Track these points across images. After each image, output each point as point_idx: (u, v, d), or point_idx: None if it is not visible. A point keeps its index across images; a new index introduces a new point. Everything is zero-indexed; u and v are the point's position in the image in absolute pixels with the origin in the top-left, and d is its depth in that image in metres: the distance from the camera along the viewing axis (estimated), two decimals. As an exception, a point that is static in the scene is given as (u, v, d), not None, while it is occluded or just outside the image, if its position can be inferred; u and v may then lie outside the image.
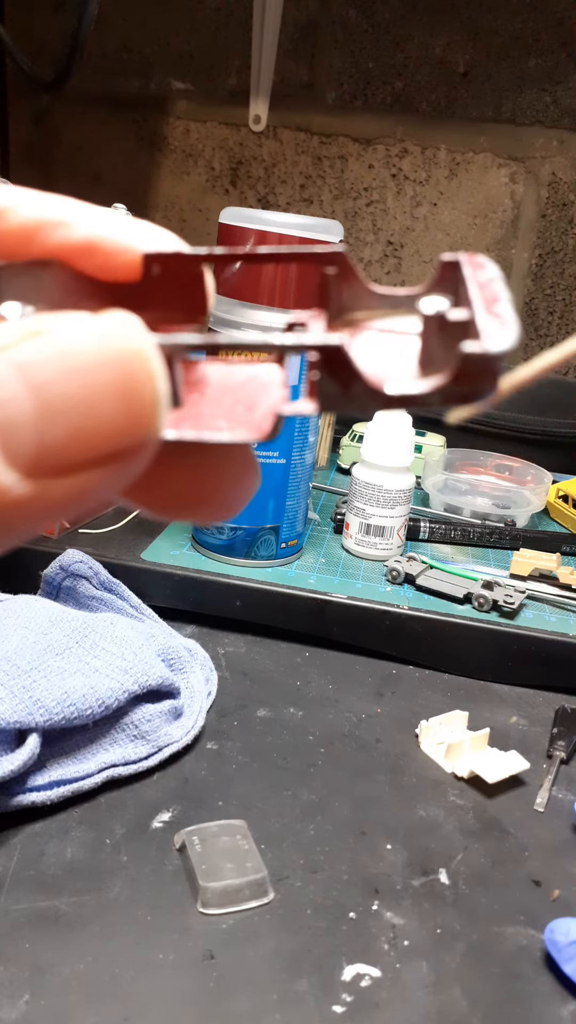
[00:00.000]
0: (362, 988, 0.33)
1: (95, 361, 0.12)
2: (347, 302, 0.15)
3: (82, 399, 0.12)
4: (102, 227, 0.15)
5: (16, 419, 0.11)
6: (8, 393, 0.11)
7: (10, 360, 0.11)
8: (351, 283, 0.15)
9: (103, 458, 0.12)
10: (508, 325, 0.13)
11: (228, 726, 0.48)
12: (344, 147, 1.11)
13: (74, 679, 0.41)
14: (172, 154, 1.17)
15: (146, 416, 0.12)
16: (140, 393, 0.12)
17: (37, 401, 0.11)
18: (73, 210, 0.15)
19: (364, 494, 0.63)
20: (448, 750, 0.46)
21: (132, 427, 0.12)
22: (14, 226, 0.15)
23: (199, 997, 0.32)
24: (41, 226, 0.15)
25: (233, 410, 0.14)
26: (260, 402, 0.14)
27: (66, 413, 0.11)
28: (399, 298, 0.15)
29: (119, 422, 0.12)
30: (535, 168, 1.06)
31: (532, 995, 0.33)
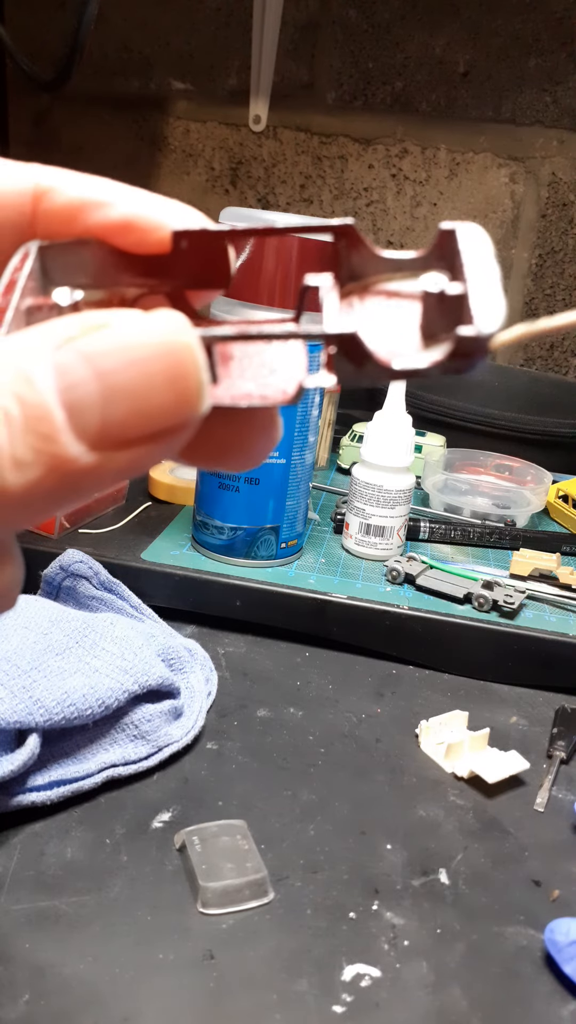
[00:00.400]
0: (362, 988, 0.33)
1: (150, 353, 0.14)
2: (357, 267, 0.17)
3: (139, 385, 0.14)
4: (138, 207, 0.16)
5: (84, 400, 0.13)
6: (77, 378, 0.13)
7: (78, 350, 0.13)
8: (360, 250, 0.17)
9: (155, 434, 0.14)
10: (496, 305, 0.15)
11: (228, 726, 0.48)
12: (344, 147, 1.11)
13: (74, 679, 0.41)
14: (172, 154, 1.17)
15: (191, 399, 0.14)
16: (187, 380, 0.14)
17: (102, 385, 0.13)
18: (111, 191, 0.17)
19: (364, 494, 0.63)
20: (448, 750, 0.46)
21: (180, 408, 0.14)
22: (59, 205, 0.16)
23: (199, 997, 0.32)
24: (83, 206, 0.16)
25: (260, 374, 0.16)
26: (284, 368, 0.16)
27: (126, 396, 0.14)
28: (403, 261, 0.17)
29: (169, 404, 0.14)
30: (535, 168, 1.06)
31: (532, 995, 0.33)
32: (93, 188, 0.17)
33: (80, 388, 0.13)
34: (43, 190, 0.17)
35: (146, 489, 0.71)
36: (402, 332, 0.16)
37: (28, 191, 0.17)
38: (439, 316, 0.16)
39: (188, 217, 0.17)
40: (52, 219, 0.17)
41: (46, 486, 0.13)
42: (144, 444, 0.14)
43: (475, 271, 0.15)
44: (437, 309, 0.16)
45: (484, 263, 0.15)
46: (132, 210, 0.16)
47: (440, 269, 0.17)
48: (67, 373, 0.13)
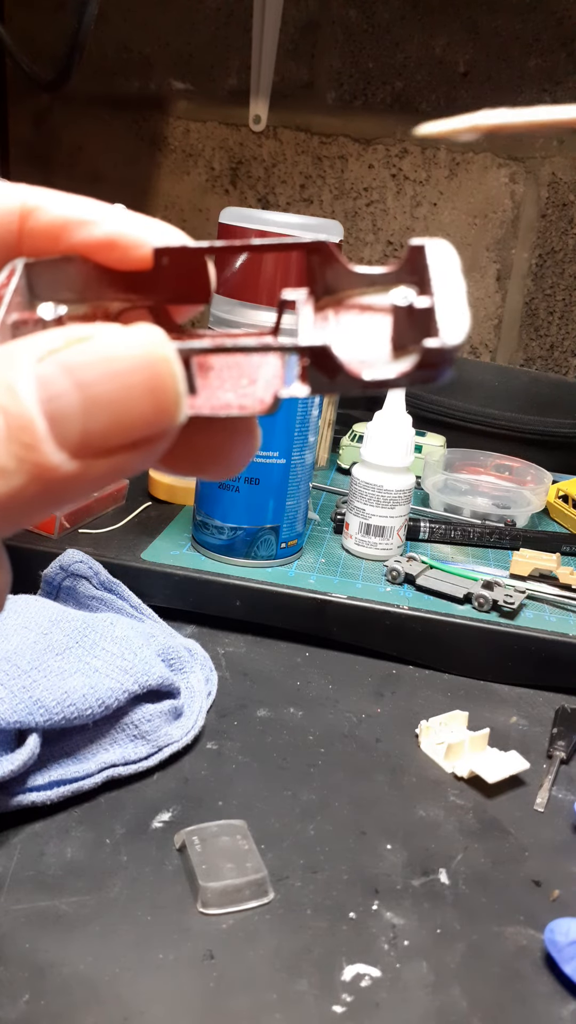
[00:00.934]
0: (362, 988, 0.33)
1: (130, 366, 0.14)
2: (331, 281, 0.18)
3: (119, 396, 0.14)
4: (120, 225, 0.17)
5: (65, 411, 0.14)
6: (59, 389, 0.14)
7: (59, 362, 0.14)
8: (334, 266, 0.18)
9: (135, 443, 0.15)
10: (460, 319, 0.15)
11: (228, 726, 0.48)
12: (344, 147, 1.11)
13: (74, 679, 0.41)
14: (172, 154, 1.17)
15: (170, 409, 0.15)
16: (165, 392, 0.15)
17: (83, 396, 0.14)
18: (95, 210, 0.17)
19: (364, 494, 0.63)
20: (448, 750, 0.46)
21: (158, 418, 0.15)
22: (44, 224, 0.17)
23: (199, 997, 0.32)
24: (68, 224, 0.17)
25: (238, 384, 0.17)
26: (261, 378, 0.17)
27: (106, 407, 0.14)
28: (376, 276, 0.18)
29: (148, 414, 0.14)
30: (535, 168, 1.06)
31: (532, 995, 0.33)
32: (78, 207, 0.17)
33: (62, 399, 0.14)
34: (29, 209, 0.17)
35: (146, 489, 0.71)
36: (373, 344, 0.17)
37: (15, 210, 0.17)
38: (408, 328, 0.16)
39: (169, 235, 0.17)
40: (38, 237, 0.17)
41: (28, 493, 0.14)
42: (123, 453, 0.15)
43: (442, 285, 0.16)
44: (407, 322, 0.16)
45: (451, 278, 0.16)
46: (115, 228, 0.17)
47: (410, 283, 0.17)
48: (49, 384, 0.14)
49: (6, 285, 0.17)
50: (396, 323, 0.17)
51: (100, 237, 0.17)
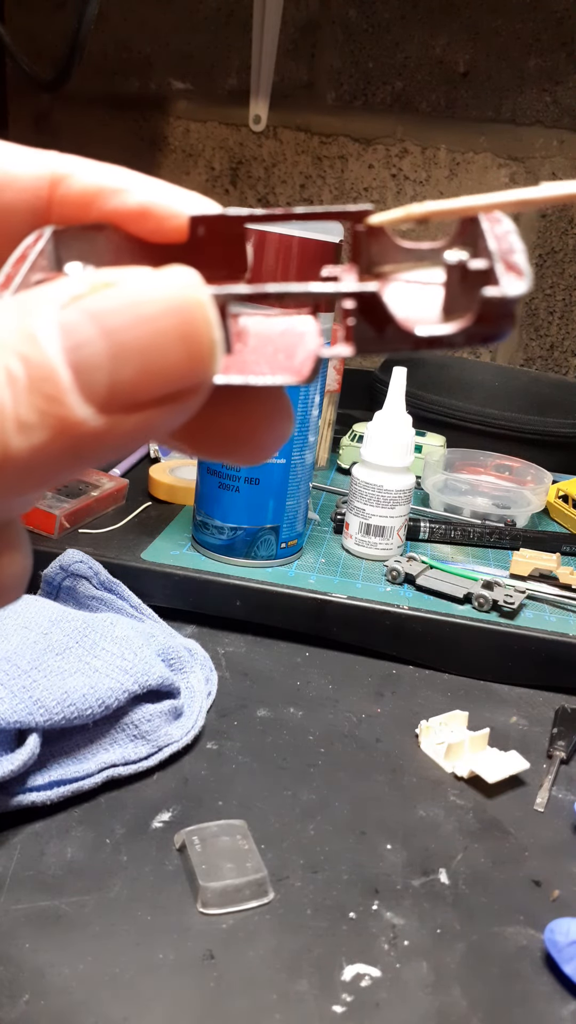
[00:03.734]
0: (362, 988, 0.33)
1: (160, 310, 0.13)
2: (376, 256, 0.17)
3: (149, 343, 0.13)
4: (154, 194, 0.16)
5: (92, 361, 0.13)
6: (84, 337, 0.13)
7: (84, 308, 0.13)
8: (380, 239, 0.16)
9: (167, 396, 0.13)
10: (523, 272, 0.14)
11: (228, 726, 0.48)
12: (344, 147, 1.11)
13: (74, 679, 0.41)
14: (172, 154, 1.17)
15: (204, 359, 0.13)
16: (199, 339, 0.13)
17: (110, 344, 0.13)
18: (128, 178, 0.16)
19: (364, 494, 0.63)
20: (448, 750, 0.46)
21: (192, 369, 0.13)
22: (75, 191, 0.16)
23: (199, 997, 0.32)
24: (99, 192, 0.16)
25: (274, 357, 0.15)
26: (298, 349, 0.15)
27: (135, 356, 0.13)
28: (424, 251, 0.16)
29: (181, 365, 0.13)
30: (535, 168, 1.06)
31: (532, 995, 0.33)
32: (110, 175, 0.17)
33: (87, 347, 0.13)
34: (60, 176, 0.17)
35: (146, 489, 0.71)
36: (424, 305, 0.16)
37: (45, 177, 0.17)
38: (463, 292, 0.15)
39: (205, 205, 0.17)
40: (68, 205, 0.17)
41: (51, 450, 0.13)
42: (154, 407, 0.13)
43: (499, 246, 0.15)
44: (460, 285, 0.15)
45: (510, 240, 0.15)
46: (149, 197, 0.16)
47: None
48: (73, 332, 0.13)
49: (32, 246, 0.16)
50: (449, 289, 0.15)
51: (133, 205, 0.16)
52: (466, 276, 0.15)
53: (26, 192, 0.16)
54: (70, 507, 0.61)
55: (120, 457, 0.15)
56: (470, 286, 0.15)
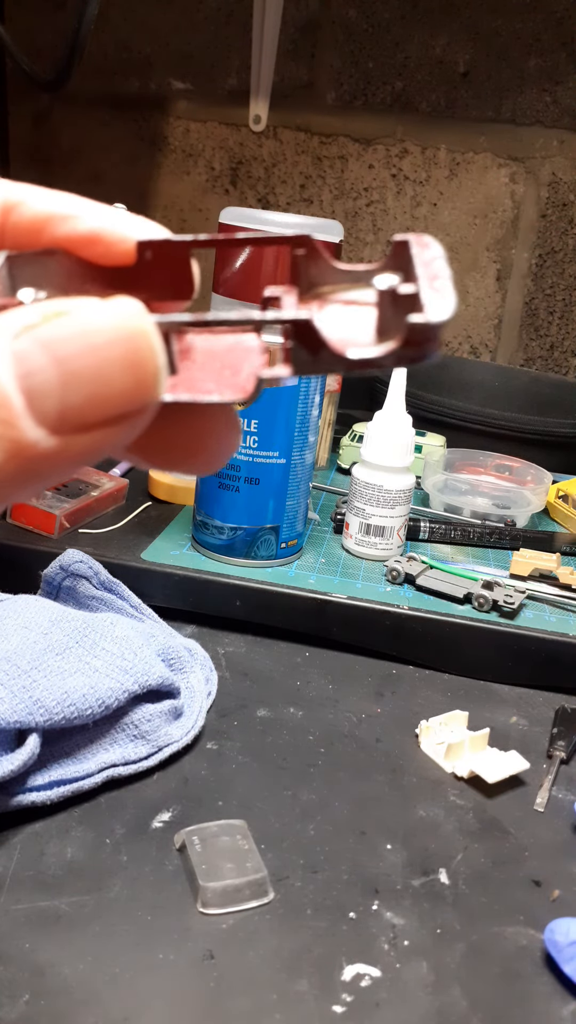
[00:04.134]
0: (362, 988, 0.33)
1: (108, 339, 0.14)
2: (315, 278, 0.17)
3: (97, 370, 0.14)
4: (103, 220, 0.17)
5: (43, 387, 0.14)
6: (35, 365, 0.14)
7: (36, 337, 0.14)
8: (318, 262, 0.17)
9: (114, 419, 0.14)
10: (447, 298, 0.15)
11: (228, 726, 0.48)
12: (344, 147, 1.11)
13: (74, 679, 0.41)
14: (172, 154, 1.17)
15: (149, 384, 0.14)
16: (144, 365, 0.14)
17: (60, 372, 0.14)
18: (77, 205, 0.17)
19: (364, 494, 0.63)
20: (448, 750, 0.46)
21: (138, 393, 0.14)
22: (27, 218, 0.17)
23: (199, 997, 0.32)
24: (50, 219, 0.17)
25: (220, 374, 0.16)
26: (243, 367, 0.16)
27: (84, 382, 0.14)
28: (359, 272, 0.17)
29: (127, 389, 0.14)
30: (535, 168, 1.06)
31: (532, 995, 0.33)
32: (60, 202, 0.17)
33: (39, 375, 0.14)
34: (11, 204, 0.17)
35: (146, 489, 0.71)
36: (358, 328, 0.17)
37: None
38: (393, 315, 0.16)
39: (152, 230, 0.17)
40: (20, 233, 0.17)
41: (7, 471, 0.14)
42: (103, 428, 0.14)
43: (427, 272, 0.16)
44: (391, 308, 0.16)
45: (436, 266, 0.16)
46: (98, 223, 0.17)
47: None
48: (25, 360, 0.14)
49: None
50: (381, 311, 0.16)
51: (83, 232, 0.17)
52: (396, 300, 0.16)
53: None
54: (70, 507, 0.61)
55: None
56: (400, 309, 0.16)
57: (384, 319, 0.16)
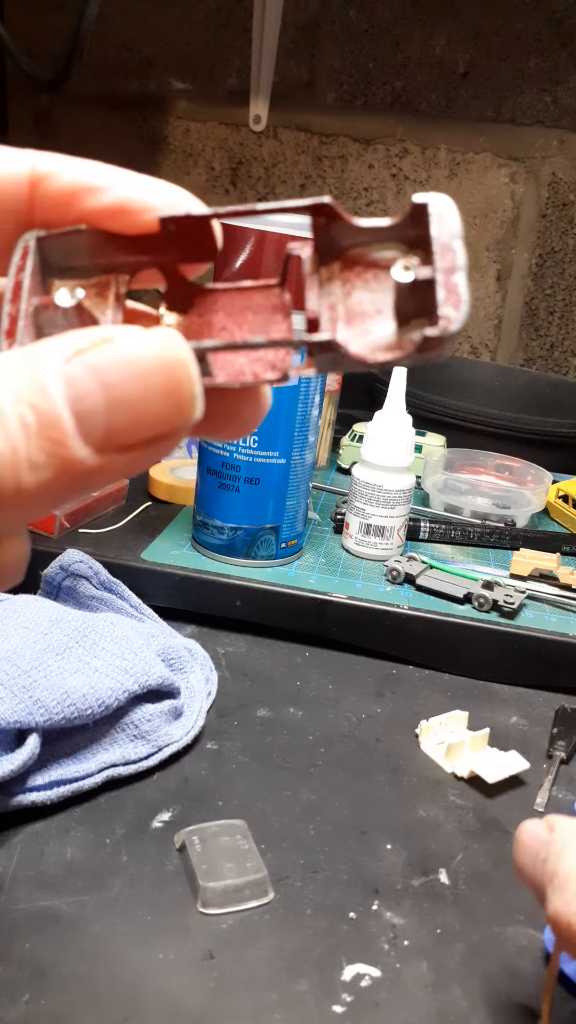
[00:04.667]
0: (362, 988, 0.33)
1: (149, 368, 0.15)
2: (336, 238, 0.18)
3: (140, 395, 0.15)
4: (127, 190, 0.18)
5: (91, 409, 0.15)
6: (84, 389, 0.15)
7: (85, 363, 0.15)
8: (339, 223, 0.18)
9: (153, 439, 0.15)
10: (460, 305, 0.16)
11: (228, 726, 0.48)
12: (344, 147, 1.11)
13: (74, 679, 0.41)
14: (172, 154, 1.17)
15: (186, 409, 0.16)
16: (182, 392, 0.15)
17: (106, 396, 0.15)
18: (104, 175, 0.18)
19: (364, 494, 0.63)
20: (448, 750, 0.46)
21: (175, 417, 0.15)
22: (55, 191, 0.18)
23: (199, 997, 0.32)
24: (78, 191, 0.18)
25: (253, 354, 0.18)
26: (275, 349, 0.17)
27: (128, 406, 0.15)
28: (379, 229, 0.18)
29: (166, 413, 0.15)
30: (535, 168, 1.06)
31: (532, 995, 0.33)
32: (86, 173, 0.18)
33: (87, 398, 0.15)
34: (40, 176, 0.18)
35: (146, 489, 0.71)
36: (377, 319, 0.18)
37: (24, 177, 0.18)
38: (411, 298, 0.17)
39: (175, 197, 0.18)
40: (48, 204, 0.18)
41: (56, 485, 0.15)
42: (142, 448, 0.15)
43: (443, 256, 0.16)
44: (410, 292, 0.17)
45: (452, 245, 0.16)
46: (123, 194, 0.18)
47: (413, 239, 0.18)
48: (75, 384, 0.15)
49: (22, 269, 0.17)
50: (399, 293, 0.17)
51: (109, 204, 0.18)
52: (416, 285, 0.17)
53: (7, 194, 0.18)
54: (70, 507, 0.61)
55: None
56: (418, 291, 0.17)
57: (403, 299, 0.17)
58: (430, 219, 0.17)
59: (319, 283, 0.18)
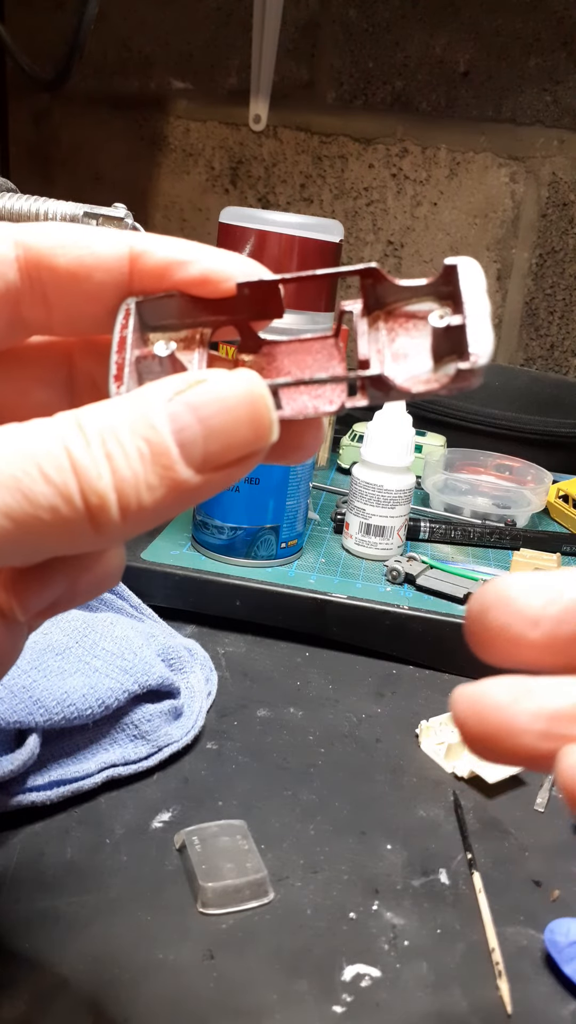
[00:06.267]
0: (362, 988, 0.33)
1: (237, 403, 0.19)
2: (381, 296, 0.22)
3: (230, 426, 0.19)
4: (210, 263, 0.21)
5: (192, 439, 0.18)
6: (185, 423, 0.18)
7: (185, 401, 0.19)
8: (384, 283, 0.22)
9: (240, 460, 0.19)
10: (487, 339, 0.20)
11: (228, 726, 0.48)
12: (344, 147, 1.11)
13: (74, 679, 0.41)
14: (172, 154, 1.17)
15: (265, 433, 0.19)
16: (262, 420, 0.19)
17: (204, 428, 0.18)
18: (189, 251, 0.22)
19: (364, 494, 0.63)
20: (448, 750, 0.46)
21: (257, 440, 0.19)
22: (150, 266, 0.22)
23: (199, 997, 0.32)
24: (169, 266, 0.21)
25: (314, 391, 0.21)
26: (331, 387, 0.21)
27: (220, 434, 0.19)
28: (417, 288, 0.22)
29: (251, 438, 0.19)
30: (535, 168, 1.06)
31: (532, 995, 0.33)
32: (176, 250, 0.22)
33: (187, 430, 0.18)
34: (137, 253, 0.21)
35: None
36: (417, 358, 0.21)
37: (125, 255, 0.21)
38: (445, 340, 0.20)
39: (249, 268, 0.22)
40: (146, 277, 0.22)
41: (167, 501, 0.18)
42: (232, 467, 0.19)
43: (471, 306, 0.20)
44: (444, 336, 0.20)
45: (478, 298, 0.20)
46: (207, 267, 0.21)
47: (445, 295, 0.21)
48: (177, 419, 0.18)
49: (125, 327, 0.21)
50: (435, 337, 0.21)
51: (195, 275, 0.21)
52: (448, 328, 0.20)
53: (112, 274, 0.21)
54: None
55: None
56: (452, 335, 0.20)
57: (439, 342, 0.21)
58: (459, 278, 0.20)
59: (368, 331, 0.22)
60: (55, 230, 0.22)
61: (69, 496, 0.18)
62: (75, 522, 0.18)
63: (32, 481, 0.18)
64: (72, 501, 0.18)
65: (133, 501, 0.18)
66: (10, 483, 0.18)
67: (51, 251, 0.21)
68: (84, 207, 0.44)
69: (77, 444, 0.18)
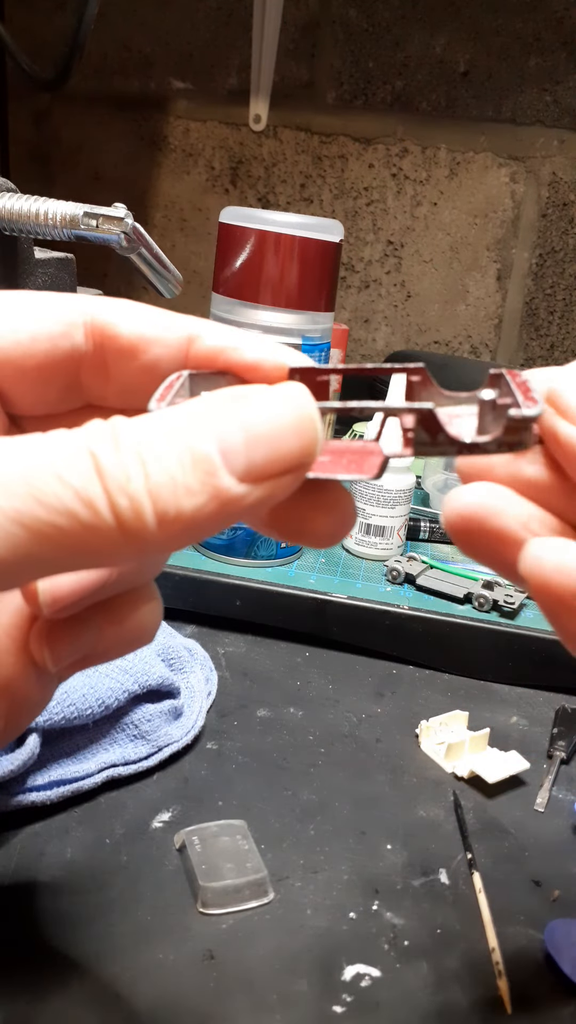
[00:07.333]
0: (362, 988, 0.33)
1: (280, 412, 0.19)
2: (424, 399, 0.22)
3: (274, 437, 0.18)
4: (260, 353, 0.22)
5: (235, 448, 0.18)
6: (229, 430, 0.18)
7: (229, 409, 0.18)
8: (428, 388, 0.22)
9: (282, 472, 0.19)
10: (538, 401, 0.20)
11: (228, 726, 0.48)
12: (344, 147, 1.11)
13: (74, 679, 0.41)
14: (172, 154, 1.17)
15: (311, 447, 0.19)
16: (308, 432, 0.19)
17: (246, 437, 0.18)
18: (241, 339, 0.22)
19: (364, 494, 0.63)
20: (448, 750, 0.46)
21: (302, 454, 0.19)
22: (204, 350, 0.22)
23: (199, 997, 0.32)
24: (223, 351, 0.22)
25: (348, 465, 0.21)
26: (367, 460, 0.21)
27: (264, 444, 0.18)
28: (461, 397, 0.22)
29: (295, 451, 0.19)
30: (535, 168, 1.06)
31: (532, 995, 0.33)
32: (228, 338, 0.22)
33: (230, 439, 0.18)
34: (193, 336, 0.22)
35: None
36: (464, 425, 0.22)
37: (184, 338, 0.22)
38: (492, 419, 0.21)
39: (295, 358, 0.23)
40: (199, 358, 0.22)
41: (208, 511, 0.18)
42: (275, 479, 0.18)
43: (519, 388, 0.20)
44: (490, 414, 0.21)
45: (527, 384, 0.20)
46: (258, 355, 0.22)
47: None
48: (220, 426, 0.18)
49: (176, 381, 0.22)
50: (481, 416, 0.21)
51: (248, 361, 0.22)
52: (495, 407, 0.20)
53: (170, 349, 0.22)
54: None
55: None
56: (498, 414, 0.20)
57: (484, 422, 0.21)
58: (504, 378, 0.21)
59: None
60: (120, 304, 0.22)
61: (89, 500, 0.17)
62: (100, 529, 0.17)
63: (45, 484, 0.17)
64: (93, 505, 0.17)
65: (172, 507, 0.17)
66: (21, 489, 0.17)
67: (116, 321, 0.22)
68: (84, 207, 0.44)
69: (105, 449, 0.17)
